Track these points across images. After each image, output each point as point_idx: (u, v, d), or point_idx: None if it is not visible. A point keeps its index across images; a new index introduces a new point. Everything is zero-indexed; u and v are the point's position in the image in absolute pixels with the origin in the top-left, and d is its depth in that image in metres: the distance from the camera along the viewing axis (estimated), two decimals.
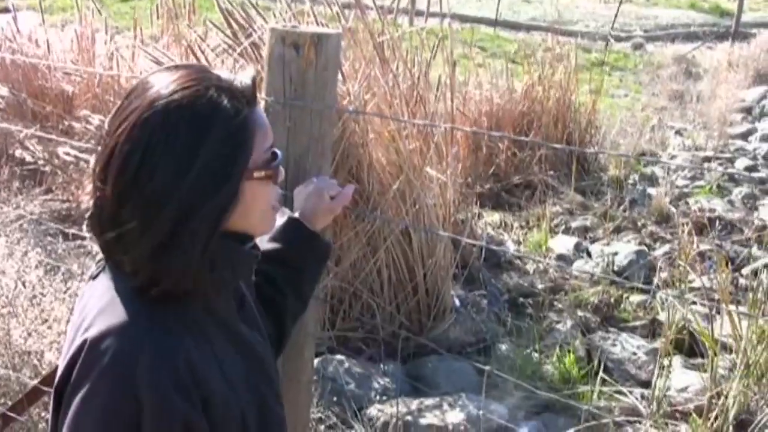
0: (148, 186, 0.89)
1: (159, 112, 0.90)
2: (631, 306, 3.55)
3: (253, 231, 1.04)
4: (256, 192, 0.98)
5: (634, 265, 3.89)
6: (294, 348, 1.59)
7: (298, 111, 1.48)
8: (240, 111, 0.94)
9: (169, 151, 0.89)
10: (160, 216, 0.89)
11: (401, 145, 3.04)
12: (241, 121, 0.94)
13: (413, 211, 3.05)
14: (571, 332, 3.25)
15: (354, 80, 2.91)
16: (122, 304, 0.92)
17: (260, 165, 0.97)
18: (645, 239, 4.37)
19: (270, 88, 1.50)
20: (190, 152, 0.90)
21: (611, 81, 8.91)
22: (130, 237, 0.91)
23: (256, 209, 1.00)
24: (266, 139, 0.99)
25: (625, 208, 4.81)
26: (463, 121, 4.87)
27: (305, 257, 1.32)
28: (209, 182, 0.91)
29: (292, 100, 1.47)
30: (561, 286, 3.70)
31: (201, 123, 0.90)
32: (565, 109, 5.42)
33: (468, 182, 4.77)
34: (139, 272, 0.92)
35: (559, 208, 4.77)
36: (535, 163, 5.09)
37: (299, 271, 1.31)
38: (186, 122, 0.90)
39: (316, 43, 1.46)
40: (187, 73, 0.94)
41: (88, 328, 0.90)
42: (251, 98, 0.97)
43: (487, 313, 3.33)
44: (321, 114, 1.49)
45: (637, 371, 3.01)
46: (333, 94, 1.52)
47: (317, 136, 1.50)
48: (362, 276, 3.03)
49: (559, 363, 3.02)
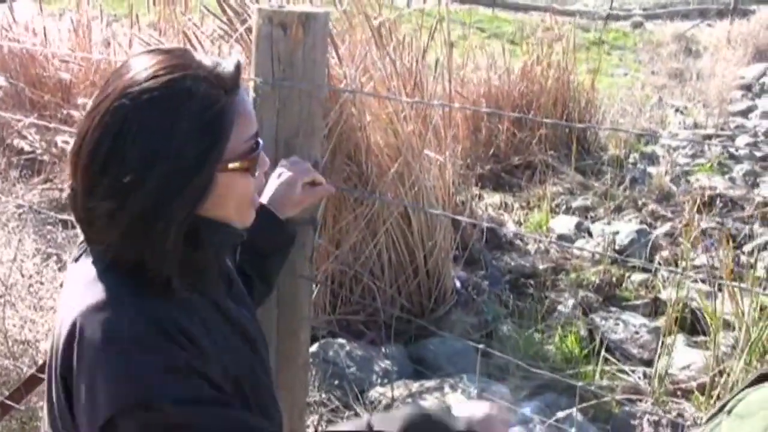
0: (118, 174, 0.87)
1: (131, 99, 0.87)
2: (632, 285, 3.52)
3: (230, 222, 1.00)
4: (231, 183, 0.94)
5: (636, 244, 3.86)
6: (289, 331, 1.56)
7: (287, 91, 1.43)
8: (217, 99, 0.90)
9: (139, 140, 0.87)
10: (127, 204, 0.88)
11: (399, 127, 2.99)
12: (217, 109, 0.90)
13: (412, 193, 3.01)
14: (573, 312, 3.22)
15: (350, 63, 2.85)
16: (105, 283, 0.91)
17: (237, 155, 0.93)
18: (646, 218, 4.33)
19: (258, 69, 1.46)
20: (161, 141, 0.87)
21: (610, 60, 8.83)
22: (100, 223, 0.90)
23: (230, 201, 0.96)
24: (247, 128, 0.95)
25: (626, 187, 4.77)
26: (462, 102, 4.82)
27: (269, 245, 1.29)
28: (179, 172, 0.88)
29: (281, 80, 1.43)
30: (562, 266, 3.67)
31: (173, 111, 0.87)
32: (564, 89, 5.36)
33: (467, 164, 4.73)
34: (115, 256, 0.91)
35: (559, 188, 4.72)
36: (535, 143, 5.05)
37: (263, 257, 1.29)
38: (157, 110, 0.87)
39: (304, 22, 1.41)
40: (165, 58, 0.91)
41: (75, 307, 0.89)
42: (232, 86, 0.93)
43: (489, 295, 3.30)
44: (310, 94, 1.44)
45: (639, 350, 2.97)
46: (322, 74, 1.47)
47: (306, 116, 1.45)
48: (362, 259, 2.99)
49: (561, 343, 3.00)
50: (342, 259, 2.97)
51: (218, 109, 0.90)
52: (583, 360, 2.91)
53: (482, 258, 3.59)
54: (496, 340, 3.00)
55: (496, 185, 4.78)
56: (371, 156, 2.94)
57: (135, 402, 0.84)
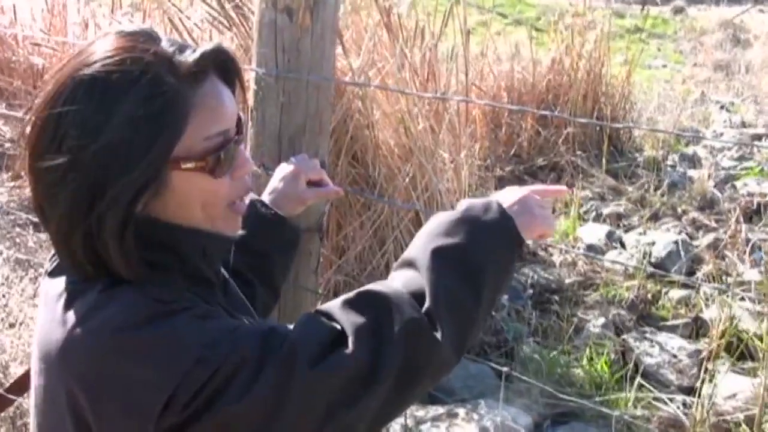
0: (55, 163, 0.90)
1: (74, 84, 0.91)
2: (670, 302, 3.53)
3: (199, 227, 1.01)
4: (188, 184, 0.95)
5: (674, 257, 3.87)
6: None
7: (293, 84, 1.47)
8: (167, 88, 0.91)
9: (77, 127, 0.90)
10: (60, 197, 0.91)
11: (411, 125, 3.02)
12: (167, 99, 0.91)
13: (425, 197, 3.04)
14: (603, 332, 3.24)
15: (356, 54, 2.89)
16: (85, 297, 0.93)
17: (194, 154, 0.94)
18: (686, 227, 4.35)
19: (260, 59, 1.49)
20: (97, 129, 0.89)
21: (648, 50, 8.85)
22: (43, 219, 0.95)
23: (193, 204, 0.97)
24: (209, 124, 0.95)
25: (664, 192, 4.79)
26: (481, 97, 4.85)
27: (268, 242, 1.31)
28: (117, 159, 0.90)
29: (286, 72, 1.46)
30: (591, 280, 3.69)
31: (112, 98, 0.90)
32: (595, 82, 5.39)
33: (486, 165, 4.75)
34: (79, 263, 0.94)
35: (588, 193, 4.74)
36: (561, 142, 5.07)
37: (263, 257, 1.31)
38: (97, 96, 0.90)
39: (312, 6, 1.44)
40: (124, 41, 0.94)
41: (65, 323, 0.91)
42: (195, 74, 0.94)
43: (509, 311, 3.33)
44: (318, 87, 1.48)
45: (677, 376, 2.99)
46: (331, 65, 1.51)
47: (314, 112, 1.49)
48: (369, 270, 3.02)
49: (589, 366, 3.01)
50: (346, 269, 3.00)
51: (168, 99, 0.91)
52: (614, 386, 2.93)
53: None
54: (517, 361, 3.02)
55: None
56: (379, 156, 2.98)
57: (194, 360, 0.86)
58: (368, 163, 2.95)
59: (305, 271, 1.53)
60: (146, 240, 0.94)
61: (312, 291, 1.58)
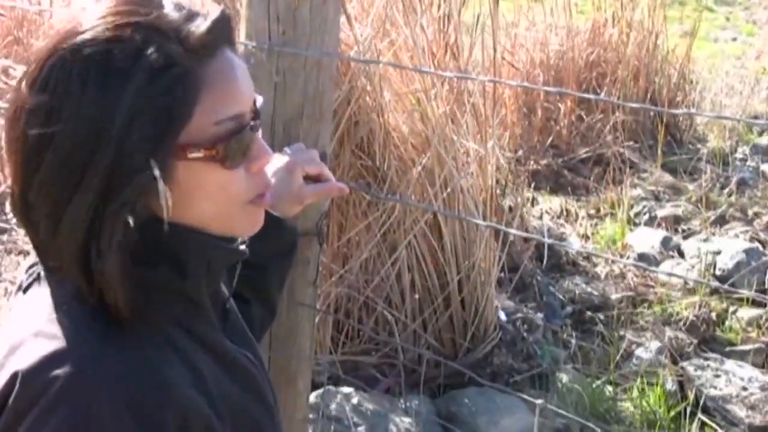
0: (50, 159, 0.90)
1: (62, 62, 0.90)
2: (739, 323, 3.53)
3: (224, 231, 1.02)
4: (197, 177, 0.95)
5: (744, 269, 3.86)
6: (285, 377, 1.60)
7: (289, 60, 1.48)
8: (176, 62, 0.91)
9: (71, 113, 0.89)
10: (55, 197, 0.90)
11: (428, 109, 3.03)
12: (175, 75, 0.91)
13: (443, 195, 3.05)
14: (657, 358, 3.24)
15: (363, 23, 2.90)
16: (65, 323, 0.92)
17: (202, 140, 0.93)
18: (758, 233, 4.34)
19: (250, 30, 1.50)
20: (94, 117, 0.89)
21: (714, 20, 8.83)
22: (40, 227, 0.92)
23: (202, 200, 0.97)
24: (221, 107, 0.95)
25: (731, 191, 4.78)
26: (512, 74, 4.85)
27: (266, 250, 1.30)
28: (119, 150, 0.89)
29: (280, 45, 1.47)
30: (643, 296, 3.69)
31: (112, 78, 0.89)
32: (648, 58, 5.38)
33: (518, 157, 4.75)
34: (76, 281, 0.92)
35: (640, 192, 4.74)
36: (608, 130, 5.06)
37: (260, 269, 1.31)
38: (94, 75, 0.89)
39: None
40: (122, 2, 0.93)
41: (20, 356, 0.90)
42: (204, 47, 0.94)
43: (543, 332, 3.33)
44: (319, 64, 1.49)
45: (748, 412, 2.99)
46: (334, 37, 1.52)
47: (313, 93, 1.50)
48: (376, 281, 3.03)
49: (640, 399, 3.01)
50: (350, 281, 3.01)
51: (176, 75, 0.91)
52: (670, 424, 2.93)
53: (535, 283, 3.62)
54: (553, 392, 3.02)
55: (556, 186, 4.81)
56: (390, 146, 2.98)
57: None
58: (376, 153, 2.95)
59: (302, 283, 1.54)
60: (145, 245, 0.93)
61: (310, 306, 1.59)
